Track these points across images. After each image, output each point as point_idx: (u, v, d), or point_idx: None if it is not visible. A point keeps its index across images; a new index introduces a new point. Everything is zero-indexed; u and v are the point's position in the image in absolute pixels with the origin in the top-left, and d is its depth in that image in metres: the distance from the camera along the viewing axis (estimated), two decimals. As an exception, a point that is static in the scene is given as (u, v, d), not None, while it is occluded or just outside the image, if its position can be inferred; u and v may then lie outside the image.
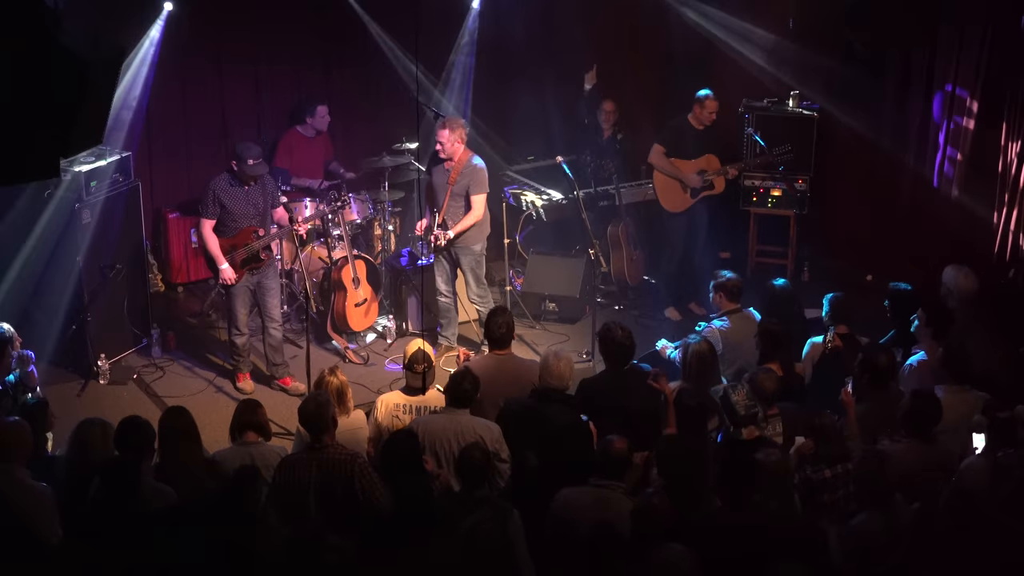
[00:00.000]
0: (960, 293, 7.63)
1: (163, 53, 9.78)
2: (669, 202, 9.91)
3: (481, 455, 5.73)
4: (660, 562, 4.85)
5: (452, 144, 8.69)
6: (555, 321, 9.92)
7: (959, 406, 6.41)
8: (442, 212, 8.83)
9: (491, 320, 7.14)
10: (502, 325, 7.09)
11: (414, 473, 5.73)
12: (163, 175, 10.42)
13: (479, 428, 6.22)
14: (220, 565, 5.18)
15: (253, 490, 5.47)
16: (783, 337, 7.07)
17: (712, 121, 9.76)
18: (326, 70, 10.99)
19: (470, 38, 10.79)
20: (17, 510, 5.57)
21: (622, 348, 6.83)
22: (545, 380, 6.52)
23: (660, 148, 9.85)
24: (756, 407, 6.08)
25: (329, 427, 5.93)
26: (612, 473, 5.58)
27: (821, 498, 5.88)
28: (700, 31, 10.45)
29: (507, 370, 6.99)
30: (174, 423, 6.11)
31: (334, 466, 5.79)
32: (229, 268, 8.39)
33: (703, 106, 9.66)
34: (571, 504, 5.55)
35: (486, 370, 6.81)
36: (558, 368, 6.50)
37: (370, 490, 5.73)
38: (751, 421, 6.04)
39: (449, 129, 8.68)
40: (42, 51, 4.18)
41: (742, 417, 6.02)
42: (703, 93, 9.68)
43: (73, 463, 5.99)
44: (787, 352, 7.10)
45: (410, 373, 6.76)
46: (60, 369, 8.82)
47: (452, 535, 5.22)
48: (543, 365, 6.54)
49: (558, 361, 6.53)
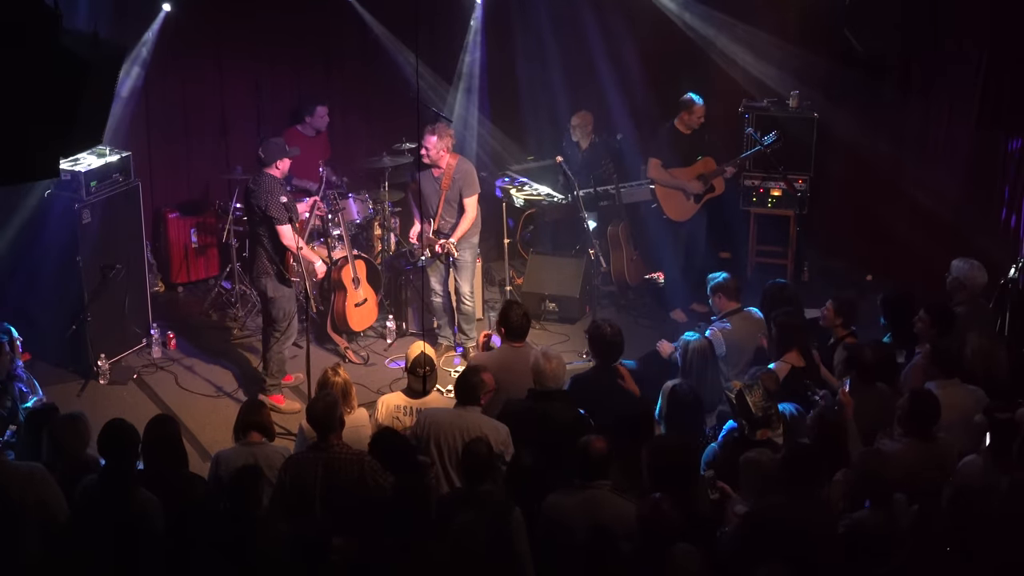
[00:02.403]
0: (971, 285, 7.62)
1: (163, 52, 9.80)
2: (674, 211, 9.91)
3: (486, 450, 5.72)
4: (670, 562, 4.85)
5: (438, 152, 8.67)
6: (555, 321, 9.92)
7: (951, 400, 6.42)
8: (436, 219, 8.83)
9: (510, 311, 7.11)
10: (522, 316, 7.08)
11: (410, 469, 5.75)
12: (163, 175, 10.42)
13: (486, 427, 6.20)
14: (221, 565, 5.18)
15: (255, 490, 5.45)
16: (798, 328, 7.08)
17: (700, 124, 9.77)
18: (326, 70, 10.98)
19: (476, 37, 10.78)
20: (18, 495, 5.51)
21: (611, 345, 6.86)
22: (540, 383, 6.51)
23: (656, 161, 9.86)
24: (772, 408, 6.07)
25: (336, 427, 5.93)
26: (596, 473, 5.57)
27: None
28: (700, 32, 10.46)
29: (524, 361, 6.93)
30: (158, 432, 5.98)
31: (341, 466, 5.77)
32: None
33: (691, 111, 9.67)
34: (560, 507, 5.53)
35: (503, 361, 6.81)
36: (550, 368, 6.50)
37: (380, 489, 5.71)
38: (765, 424, 6.04)
39: (437, 136, 8.65)
40: (42, 51, 4.18)
41: (758, 419, 6.02)
42: (690, 98, 9.69)
43: (52, 465, 5.87)
44: (804, 341, 7.12)
45: (412, 376, 6.76)
46: (60, 369, 8.82)
47: (450, 532, 5.22)
48: (535, 369, 6.52)
49: (548, 362, 6.52)
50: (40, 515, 5.49)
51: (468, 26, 10.79)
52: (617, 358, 6.90)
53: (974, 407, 6.34)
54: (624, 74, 10.84)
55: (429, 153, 8.65)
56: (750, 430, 6.04)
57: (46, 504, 5.52)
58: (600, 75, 10.73)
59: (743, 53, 10.42)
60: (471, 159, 9.71)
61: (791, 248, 10.41)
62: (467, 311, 9.10)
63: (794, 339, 7.02)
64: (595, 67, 10.71)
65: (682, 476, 5.57)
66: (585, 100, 10.73)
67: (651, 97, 10.90)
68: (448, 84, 10.84)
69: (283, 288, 8.37)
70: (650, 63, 10.87)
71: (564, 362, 6.64)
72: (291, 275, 8.28)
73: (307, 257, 8.36)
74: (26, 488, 5.52)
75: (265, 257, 8.32)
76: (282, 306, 8.41)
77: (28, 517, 5.47)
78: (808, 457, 5.52)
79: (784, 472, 5.47)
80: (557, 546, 5.46)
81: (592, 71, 10.74)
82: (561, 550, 5.41)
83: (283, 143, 8.46)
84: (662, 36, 10.67)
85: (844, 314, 7.44)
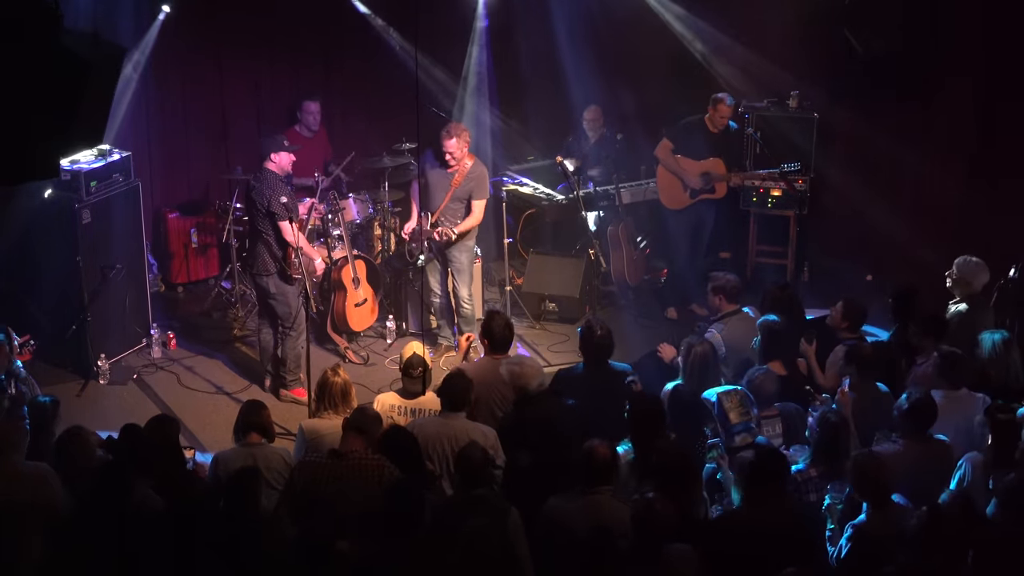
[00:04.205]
0: (973, 283, 7.61)
1: (163, 53, 9.80)
2: (668, 198, 9.93)
3: (480, 454, 5.72)
4: (666, 563, 4.84)
5: (461, 151, 8.68)
6: (555, 321, 9.92)
7: (958, 410, 6.42)
8: (437, 213, 8.83)
9: (493, 322, 7.07)
10: (505, 327, 7.04)
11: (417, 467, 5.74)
12: (163, 175, 10.42)
13: (474, 433, 6.19)
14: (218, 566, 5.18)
15: (252, 491, 5.45)
16: (784, 335, 7.07)
17: (725, 125, 9.76)
18: (326, 69, 10.99)
19: (481, 33, 10.77)
20: (28, 496, 5.54)
21: (601, 347, 6.88)
22: (521, 388, 6.49)
23: (668, 144, 9.85)
24: (749, 414, 6.09)
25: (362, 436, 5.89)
26: (598, 479, 5.55)
27: (809, 497, 5.88)
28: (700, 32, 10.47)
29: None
30: (154, 433, 6.01)
31: (359, 473, 5.71)
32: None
33: (716, 108, 9.67)
34: (560, 511, 5.52)
35: (484, 374, 6.78)
36: (524, 372, 6.50)
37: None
38: (744, 429, 6.05)
39: (456, 137, 8.64)
40: (42, 51, 4.19)
41: (734, 425, 6.04)
42: (719, 95, 9.70)
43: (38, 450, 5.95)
44: (788, 350, 7.11)
45: (407, 378, 6.75)
46: (60, 369, 8.82)
47: (452, 538, 5.21)
48: (512, 378, 6.51)
49: (521, 367, 6.53)
50: (47, 515, 5.51)
51: (472, 25, 10.77)
52: (606, 359, 6.93)
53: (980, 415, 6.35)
54: (624, 74, 10.84)
55: (455, 156, 8.64)
56: (728, 436, 6.07)
57: (53, 504, 5.54)
58: (600, 75, 10.73)
59: (743, 53, 10.41)
60: (486, 159, 9.73)
61: (791, 248, 10.41)
62: (466, 313, 9.09)
63: (776, 347, 7.00)
64: (596, 67, 10.71)
65: (681, 478, 5.57)
66: (590, 97, 10.72)
67: (651, 97, 10.90)
68: (456, 83, 10.82)
69: (285, 286, 8.39)
70: (650, 62, 10.87)
71: (535, 361, 6.68)
72: (293, 272, 8.29)
73: (307, 254, 8.37)
74: (36, 488, 5.56)
75: (267, 255, 8.33)
76: (287, 302, 8.43)
77: (35, 516, 5.49)
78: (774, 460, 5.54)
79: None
80: (557, 549, 5.45)
81: (593, 71, 10.73)
82: (561, 553, 5.41)
83: (281, 137, 8.48)
84: (662, 35, 10.66)
85: (852, 318, 7.41)
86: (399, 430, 6.13)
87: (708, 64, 10.61)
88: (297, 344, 8.49)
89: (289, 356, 8.55)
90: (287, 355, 8.56)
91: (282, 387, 8.64)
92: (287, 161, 8.37)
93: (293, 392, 8.58)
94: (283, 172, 8.39)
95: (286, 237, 8.22)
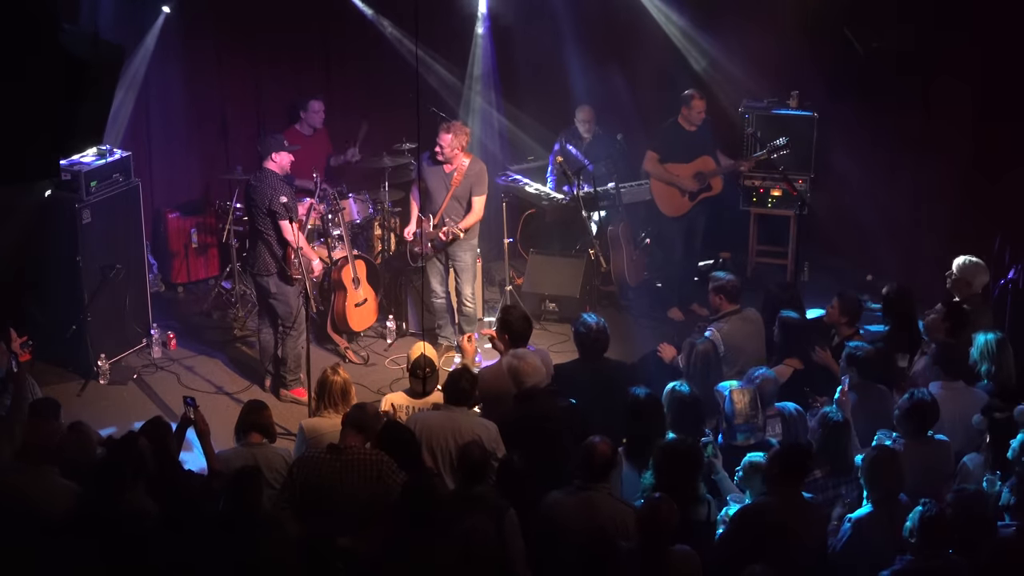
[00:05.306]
0: (973, 283, 7.61)
1: (163, 53, 9.80)
2: (668, 207, 9.92)
3: (480, 452, 5.74)
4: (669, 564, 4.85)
5: (452, 149, 8.68)
6: (555, 321, 9.92)
7: (955, 402, 6.42)
8: (439, 214, 8.83)
9: (510, 316, 7.07)
10: (523, 319, 7.05)
11: (415, 463, 5.76)
12: (163, 175, 10.42)
13: (476, 427, 6.22)
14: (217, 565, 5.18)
15: (252, 491, 5.45)
16: (802, 331, 7.08)
17: (702, 120, 9.75)
18: (326, 69, 10.99)
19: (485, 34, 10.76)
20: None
21: (596, 342, 6.89)
22: (521, 383, 6.49)
23: (653, 155, 9.85)
24: (756, 414, 6.09)
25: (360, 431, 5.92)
26: (596, 476, 5.56)
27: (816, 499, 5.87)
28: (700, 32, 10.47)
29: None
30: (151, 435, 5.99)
31: (357, 467, 5.74)
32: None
33: (690, 106, 9.65)
34: (557, 509, 5.53)
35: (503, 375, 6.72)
36: (526, 367, 6.50)
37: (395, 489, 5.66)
38: (748, 431, 6.05)
39: (452, 134, 8.66)
40: (42, 51, 4.18)
41: (738, 425, 6.04)
42: (689, 93, 9.68)
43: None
44: (806, 345, 7.11)
45: (413, 378, 6.76)
46: (60, 369, 8.82)
47: (450, 535, 5.22)
48: (514, 374, 6.51)
49: (523, 362, 6.53)
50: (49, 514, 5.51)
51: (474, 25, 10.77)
52: (601, 354, 6.95)
53: (977, 409, 6.34)
54: (624, 74, 10.84)
55: (444, 151, 8.66)
56: (732, 435, 6.07)
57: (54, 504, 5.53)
58: (600, 74, 10.72)
59: (743, 52, 10.41)
60: (494, 160, 9.72)
61: (791, 248, 10.41)
62: (468, 312, 9.10)
63: (795, 343, 7.01)
64: (595, 66, 10.70)
65: (685, 478, 5.56)
66: (586, 97, 10.72)
67: (651, 97, 10.89)
68: (460, 83, 10.82)
69: (285, 286, 8.39)
70: (650, 62, 10.86)
71: (536, 357, 6.64)
72: (292, 272, 8.29)
73: (306, 254, 8.37)
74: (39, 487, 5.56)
75: (268, 254, 8.34)
76: (287, 302, 8.44)
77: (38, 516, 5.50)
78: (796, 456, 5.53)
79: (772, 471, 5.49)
80: (552, 545, 5.46)
81: (592, 70, 10.73)
82: (557, 549, 5.41)
83: (280, 137, 8.50)
84: (663, 35, 10.66)
85: (849, 312, 7.43)
86: (397, 426, 6.15)
87: (708, 64, 10.61)
88: (297, 344, 8.49)
89: (289, 356, 8.56)
90: (287, 355, 8.57)
91: (282, 387, 8.65)
92: (287, 160, 8.38)
93: (293, 392, 8.59)
94: (283, 171, 8.40)
95: (286, 237, 8.22)
